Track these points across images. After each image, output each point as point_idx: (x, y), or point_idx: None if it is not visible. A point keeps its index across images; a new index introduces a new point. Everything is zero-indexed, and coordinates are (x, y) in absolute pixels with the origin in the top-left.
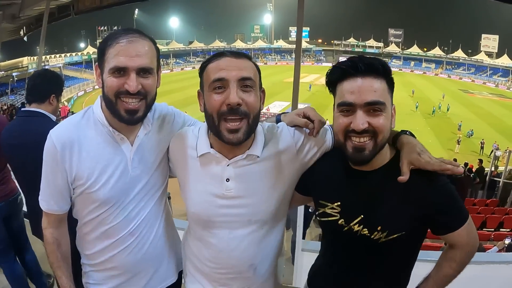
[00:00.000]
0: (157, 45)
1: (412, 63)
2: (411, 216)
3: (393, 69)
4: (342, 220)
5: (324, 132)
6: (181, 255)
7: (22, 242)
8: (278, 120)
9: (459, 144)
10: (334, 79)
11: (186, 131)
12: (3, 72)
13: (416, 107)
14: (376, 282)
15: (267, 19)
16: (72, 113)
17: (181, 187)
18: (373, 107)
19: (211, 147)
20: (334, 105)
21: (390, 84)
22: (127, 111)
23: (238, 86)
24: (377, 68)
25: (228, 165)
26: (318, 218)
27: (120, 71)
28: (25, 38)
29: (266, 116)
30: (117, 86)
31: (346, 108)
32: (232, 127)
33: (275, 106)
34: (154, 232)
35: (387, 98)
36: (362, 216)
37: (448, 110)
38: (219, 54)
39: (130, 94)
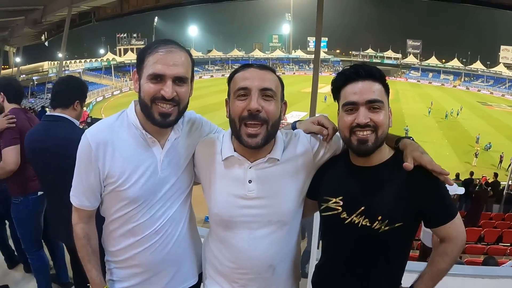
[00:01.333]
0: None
1: (430, 74)
2: (408, 208)
3: (411, 81)
4: (345, 212)
5: (336, 138)
6: (201, 258)
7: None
8: (293, 127)
9: (476, 157)
10: (339, 85)
11: (212, 138)
12: (24, 75)
13: (429, 112)
14: (376, 274)
15: (286, 29)
16: (91, 117)
17: (204, 190)
18: (373, 105)
19: (235, 150)
20: (338, 109)
21: (386, 88)
22: (160, 114)
23: (259, 95)
24: (375, 73)
25: (250, 168)
26: (321, 214)
27: (158, 78)
28: (46, 43)
29: (283, 125)
30: (153, 92)
31: (350, 107)
32: (251, 132)
33: (292, 116)
34: (178, 232)
35: (384, 98)
36: (363, 207)
37: (458, 114)
38: (246, 65)
39: (165, 99)
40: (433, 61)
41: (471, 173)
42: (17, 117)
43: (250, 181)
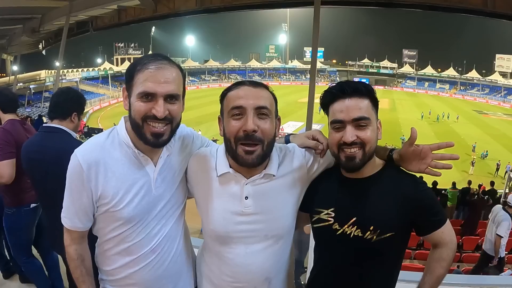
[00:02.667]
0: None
1: (426, 83)
2: (399, 217)
3: (407, 90)
4: (336, 224)
5: (330, 152)
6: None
7: (47, 246)
8: (287, 141)
9: (473, 166)
10: (326, 101)
11: (204, 152)
12: (21, 84)
13: (422, 117)
14: (369, 284)
15: (282, 39)
16: (88, 127)
17: (198, 206)
18: (360, 122)
19: (230, 167)
20: (328, 124)
21: (374, 103)
22: (153, 134)
23: (254, 114)
24: (361, 90)
25: (246, 184)
26: (312, 225)
27: (148, 96)
28: (43, 52)
29: (277, 137)
30: (144, 111)
31: (337, 125)
32: (248, 149)
33: (289, 126)
34: (175, 248)
35: (371, 114)
36: (355, 218)
37: (448, 117)
38: (239, 83)
39: (157, 119)
40: (429, 70)
41: (469, 182)
42: (14, 129)
43: (246, 197)
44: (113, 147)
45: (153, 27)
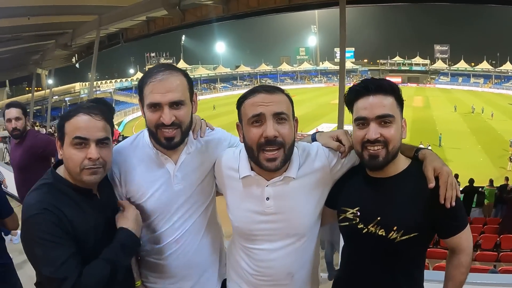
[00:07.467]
0: (201, 69)
1: (460, 79)
2: (423, 217)
3: (440, 86)
4: (361, 223)
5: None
6: (225, 266)
7: None
8: (313, 139)
9: (511, 162)
10: (350, 99)
11: (228, 153)
12: (56, 97)
13: (455, 109)
14: (394, 283)
15: (312, 41)
16: (123, 136)
17: (226, 204)
18: (384, 120)
19: (252, 169)
20: (352, 121)
21: (399, 101)
22: (165, 139)
23: (274, 120)
24: (385, 87)
25: (267, 186)
26: (339, 224)
27: (156, 106)
28: (77, 65)
29: (303, 136)
30: (155, 120)
31: (361, 122)
32: (270, 156)
33: (322, 128)
34: (198, 241)
35: (395, 112)
36: (379, 218)
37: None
38: (254, 90)
39: (166, 125)
40: (462, 65)
41: (506, 179)
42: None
43: (267, 198)
44: (138, 148)
45: (183, 35)
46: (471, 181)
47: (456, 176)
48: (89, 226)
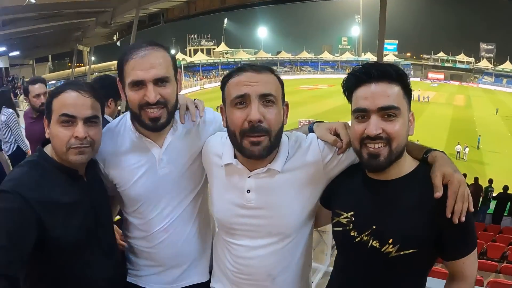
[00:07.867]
0: (242, 53)
1: (505, 80)
2: (426, 231)
3: (483, 86)
4: (354, 230)
5: None
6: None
7: None
8: (310, 129)
9: None
10: (349, 86)
11: (215, 138)
12: (96, 73)
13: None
14: None
15: (355, 31)
16: None
17: (210, 193)
18: (387, 112)
19: (235, 157)
20: (351, 114)
21: (406, 91)
22: (150, 119)
23: (260, 102)
24: (390, 74)
25: (249, 177)
26: (332, 228)
27: (139, 84)
28: (118, 43)
29: (303, 124)
30: (138, 99)
31: (361, 114)
32: (254, 140)
33: None
34: (188, 230)
35: (402, 103)
36: (374, 227)
37: None
38: (240, 69)
39: (151, 104)
40: (507, 66)
41: None
42: None
43: (248, 191)
44: (121, 133)
45: (226, 18)
46: (505, 188)
47: (491, 181)
48: (70, 208)
